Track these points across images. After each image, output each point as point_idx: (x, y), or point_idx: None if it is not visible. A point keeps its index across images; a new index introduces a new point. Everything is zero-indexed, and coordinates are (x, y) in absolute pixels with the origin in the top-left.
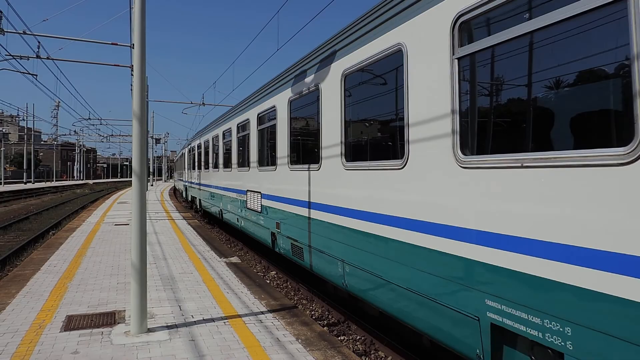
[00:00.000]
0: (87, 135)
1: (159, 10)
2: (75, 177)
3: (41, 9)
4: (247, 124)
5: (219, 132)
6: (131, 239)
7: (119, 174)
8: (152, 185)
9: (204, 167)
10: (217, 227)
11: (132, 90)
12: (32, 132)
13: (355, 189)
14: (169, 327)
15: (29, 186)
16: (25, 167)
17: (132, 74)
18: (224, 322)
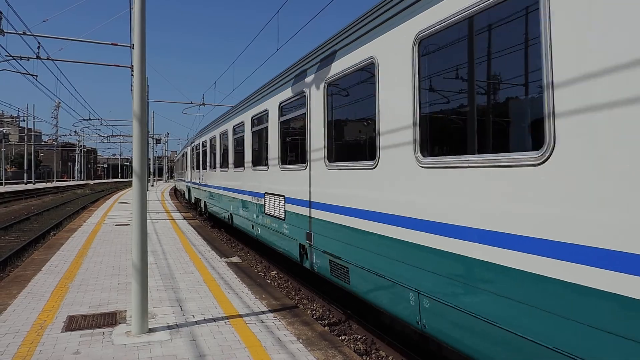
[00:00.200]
0: (88, 135)
1: (159, 10)
2: (75, 178)
3: (41, 9)
4: (265, 115)
5: (228, 128)
6: (132, 239)
7: (120, 175)
8: (152, 185)
9: (210, 167)
10: (218, 227)
11: (132, 90)
12: (33, 133)
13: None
14: (170, 327)
15: (30, 187)
16: (25, 168)
17: (132, 74)
18: (225, 322)
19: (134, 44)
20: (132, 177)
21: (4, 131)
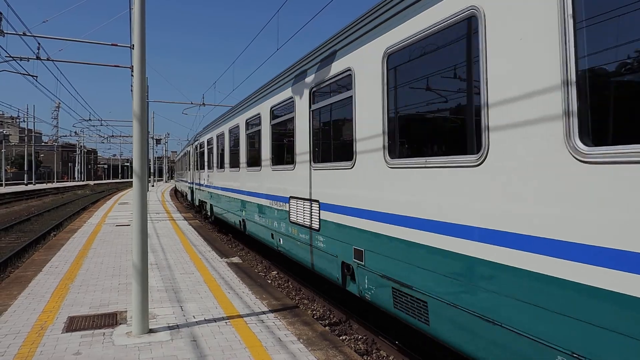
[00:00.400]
0: (88, 136)
1: (159, 10)
2: (76, 178)
3: (41, 9)
4: (290, 104)
5: (240, 122)
6: (132, 240)
7: (120, 175)
8: (153, 186)
9: (217, 166)
10: (218, 228)
11: (132, 90)
12: (33, 134)
13: None
14: (170, 328)
15: (30, 187)
16: (26, 169)
17: (132, 75)
18: (226, 322)
19: (134, 45)
20: (132, 178)
21: (4, 132)
